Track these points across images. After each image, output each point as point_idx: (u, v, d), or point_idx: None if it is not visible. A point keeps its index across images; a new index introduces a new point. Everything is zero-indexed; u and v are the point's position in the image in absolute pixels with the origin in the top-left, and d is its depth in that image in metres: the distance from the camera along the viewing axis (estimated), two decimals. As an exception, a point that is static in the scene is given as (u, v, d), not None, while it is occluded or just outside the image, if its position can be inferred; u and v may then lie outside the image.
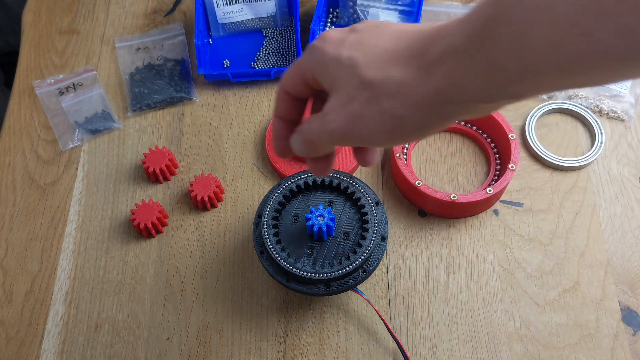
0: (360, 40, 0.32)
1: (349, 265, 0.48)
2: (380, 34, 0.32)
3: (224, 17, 0.67)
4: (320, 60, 0.34)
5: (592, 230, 0.57)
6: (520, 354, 0.51)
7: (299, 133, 0.37)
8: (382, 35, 0.32)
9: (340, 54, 0.32)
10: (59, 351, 0.52)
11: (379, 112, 0.31)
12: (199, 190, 0.57)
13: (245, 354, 0.52)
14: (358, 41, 0.32)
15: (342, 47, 0.33)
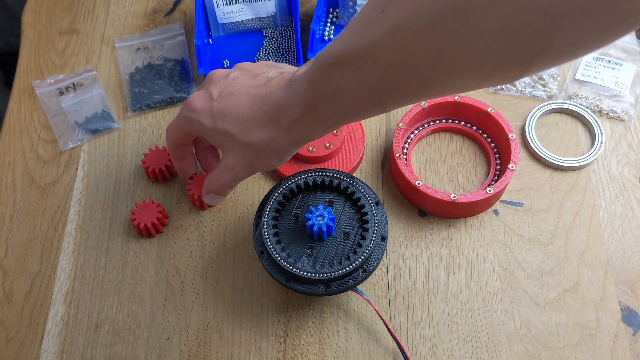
0: (224, 111, 0.45)
1: (349, 265, 0.48)
2: (236, 102, 0.44)
3: (224, 17, 0.67)
4: (202, 130, 0.47)
5: (592, 230, 0.57)
6: (520, 354, 0.51)
7: (213, 189, 0.51)
8: (238, 103, 0.44)
9: (216, 126, 0.45)
10: (59, 351, 0.52)
11: (267, 158, 0.46)
12: (197, 190, 0.57)
13: (245, 354, 0.52)
14: (223, 113, 0.45)
15: (215, 120, 0.45)
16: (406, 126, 0.60)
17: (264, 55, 0.67)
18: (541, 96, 0.65)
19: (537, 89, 0.65)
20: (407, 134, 0.61)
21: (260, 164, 0.46)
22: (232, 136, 0.45)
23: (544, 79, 0.65)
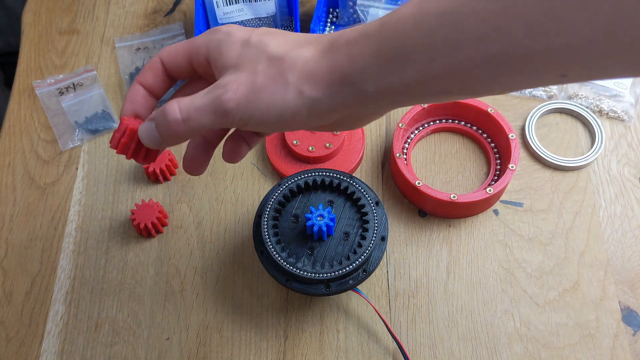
0: (269, 31, 0.35)
1: (349, 265, 0.48)
2: (289, 33, 0.35)
3: (224, 17, 0.67)
4: (224, 39, 0.35)
5: (592, 230, 0.57)
6: (520, 354, 0.51)
7: (166, 111, 0.33)
8: (291, 34, 0.35)
9: (250, 36, 0.34)
10: (59, 351, 0.52)
11: (283, 85, 0.32)
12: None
13: (245, 354, 0.52)
14: (267, 32, 0.35)
15: (252, 33, 0.35)
16: (406, 126, 0.60)
17: (264, 55, 0.67)
18: (541, 96, 0.65)
19: (537, 88, 0.65)
20: (407, 134, 0.61)
21: (269, 92, 0.32)
22: (263, 47, 0.33)
23: (544, 79, 0.65)
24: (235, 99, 0.32)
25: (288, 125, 0.33)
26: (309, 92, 0.32)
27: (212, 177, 0.60)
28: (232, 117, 0.32)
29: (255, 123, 0.33)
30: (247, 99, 0.32)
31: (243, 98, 0.32)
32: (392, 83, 0.30)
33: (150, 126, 0.35)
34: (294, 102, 0.32)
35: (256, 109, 0.32)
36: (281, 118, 0.32)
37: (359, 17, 0.67)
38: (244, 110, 0.32)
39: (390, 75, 0.30)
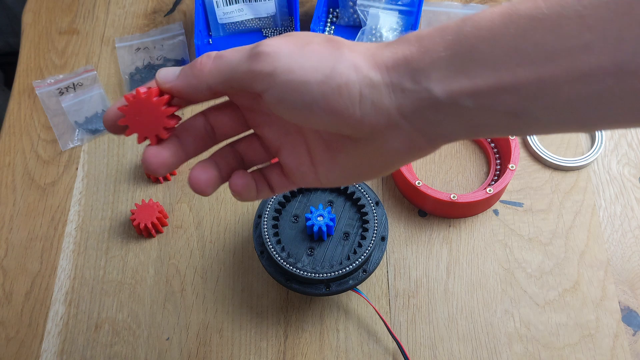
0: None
1: (349, 265, 0.48)
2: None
3: (224, 17, 0.67)
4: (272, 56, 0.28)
5: (592, 230, 0.57)
6: (520, 354, 0.51)
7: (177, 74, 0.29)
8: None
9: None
10: (59, 351, 0.52)
11: (336, 55, 0.27)
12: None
13: (245, 354, 0.52)
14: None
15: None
16: (406, 126, 0.60)
17: (264, 55, 0.67)
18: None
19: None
20: (407, 134, 0.61)
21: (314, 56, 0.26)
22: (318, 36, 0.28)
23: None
24: (274, 45, 0.27)
25: (329, 104, 0.26)
26: (367, 71, 0.26)
27: (212, 177, 0.60)
28: (265, 63, 0.26)
29: (290, 85, 0.26)
30: (288, 51, 0.26)
31: (284, 48, 0.27)
32: (463, 88, 0.25)
33: (173, 68, 0.30)
34: (347, 73, 0.26)
35: (296, 63, 0.26)
36: (325, 85, 0.26)
37: (359, 17, 0.67)
38: (280, 60, 0.26)
39: (464, 76, 0.25)
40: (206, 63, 0.28)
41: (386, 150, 0.28)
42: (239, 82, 0.28)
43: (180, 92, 0.29)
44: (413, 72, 0.26)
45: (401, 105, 0.26)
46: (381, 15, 0.66)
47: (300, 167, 0.32)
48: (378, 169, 0.31)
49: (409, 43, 0.26)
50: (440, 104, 0.25)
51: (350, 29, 0.68)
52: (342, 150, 0.30)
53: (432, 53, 0.25)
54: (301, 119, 0.28)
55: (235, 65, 0.27)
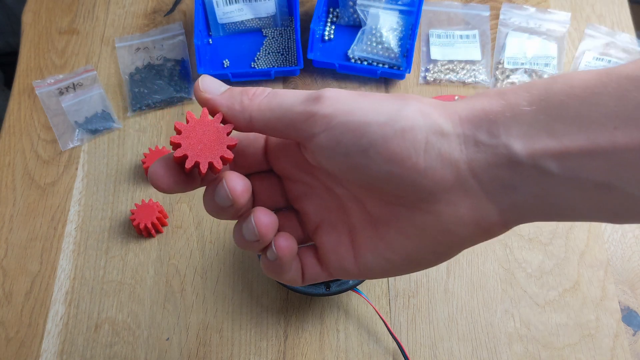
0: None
1: (349, 266, 0.48)
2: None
3: (224, 17, 0.67)
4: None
5: (592, 230, 0.57)
6: (520, 354, 0.51)
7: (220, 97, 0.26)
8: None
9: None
10: (59, 351, 0.52)
11: (402, 101, 0.24)
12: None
13: (245, 354, 0.52)
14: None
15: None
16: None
17: (264, 55, 0.67)
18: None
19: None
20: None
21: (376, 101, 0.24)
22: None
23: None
24: (335, 92, 0.25)
25: (389, 149, 0.23)
26: (436, 117, 0.23)
27: (212, 177, 0.60)
28: (324, 105, 0.24)
29: (349, 126, 0.23)
30: (350, 97, 0.24)
31: (346, 94, 0.25)
32: (548, 148, 0.21)
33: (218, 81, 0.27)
34: (413, 117, 0.23)
35: (357, 106, 0.24)
36: (387, 127, 0.23)
37: (359, 17, 0.67)
38: (340, 102, 0.24)
39: (550, 135, 0.21)
40: (259, 95, 0.26)
41: (448, 221, 0.24)
42: (290, 123, 0.25)
43: (216, 109, 0.26)
44: (491, 124, 0.23)
45: (473, 160, 0.23)
46: (381, 15, 0.66)
47: (338, 249, 0.28)
48: (433, 252, 0.26)
49: (488, 97, 0.24)
50: (518, 164, 0.22)
51: (350, 28, 0.68)
52: (392, 224, 0.26)
53: (515, 107, 0.22)
54: (352, 169, 0.24)
55: (290, 104, 0.25)
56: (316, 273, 0.29)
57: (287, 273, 0.28)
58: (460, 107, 0.24)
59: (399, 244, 0.26)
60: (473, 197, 0.23)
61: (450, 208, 0.24)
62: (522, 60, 0.66)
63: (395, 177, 0.23)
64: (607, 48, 0.67)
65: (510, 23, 0.68)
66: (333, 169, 0.25)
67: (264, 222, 0.26)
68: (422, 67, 0.66)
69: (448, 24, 0.69)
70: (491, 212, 0.24)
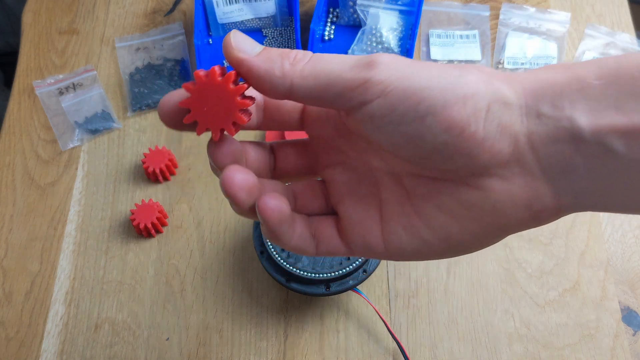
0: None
1: (349, 266, 0.48)
2: None
3: (224, 17, 0.67)
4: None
5: (592, 230, 0.57)
6: (520, 354, 0.51)
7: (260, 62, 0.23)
8: None
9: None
10: (59, 351, 0.52)
11: (462, 69, 0.22)
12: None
13: (245, 354, 0.52)
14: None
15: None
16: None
17: (264, 55, 0.67)
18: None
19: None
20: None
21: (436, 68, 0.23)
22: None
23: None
24: (392, 57, 0.23)
25: (449, 116, 0.21)
26: (499, 85, 0.22)
27: (212, 177, 0.60)
28: (379, 70, 0.22)
29: (407, 92, 0.22)
30: (407, 63, 0.22)
31: (403, 60, 0.23)
32: (615, 124, 0.20)
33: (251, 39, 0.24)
34: (475, 83, 0.22)
35: (415, 72, 0.22)
36: (448, 92, 0.21)
37: (359, 17, 0.67)
38: (398, 69, 0.22)
39: (618, 111, 0.20)
40: (301, 59, 0.23)
41: (498, 200, 0.23)
42: (339, 92, 0.23)
43: (251, 72, 0.23)
44: (555, 96, 0.21)
45: (533, 133, 0.21)
46: (381, 15, 0.66)
47: (364, 221, 0.26)
48: (475, 235, 0.24)
49: (554, 69, 0.22)
50: (581, 140, 0.21)
51: (350, 28, 0.68)
52: (432, 200, 0.24)
53: (583, 80, 0.21)
54: (404, 138, 0.22)
55: (339, 71, 0.22)
56: (334, 246, 0.27)
57: (284, 238, 0.25)
58: (524, 78, 0.22)
59: (438, 223, 0.24)
60: (528, 175, 0.22)
61: (502, 185, 0.22)
62: (522, 60, 0.66)
63: (450, 147, 0.22)
64: (607, 48, 0.67)
65: (510, 23, 0.68)
66: (380, 139, 0.23)
67: (235, 181, 0.23)
68: (422, 67, 0.66)
69: (448, 24, 0.69)
70: (546, 194, 0.22)
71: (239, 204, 0.24)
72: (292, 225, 0.26)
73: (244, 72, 0.23)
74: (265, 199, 0.24)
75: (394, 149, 0.23)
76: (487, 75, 0.22)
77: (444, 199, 0.24)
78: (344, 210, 0.27)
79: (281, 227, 0.25)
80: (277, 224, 0.24)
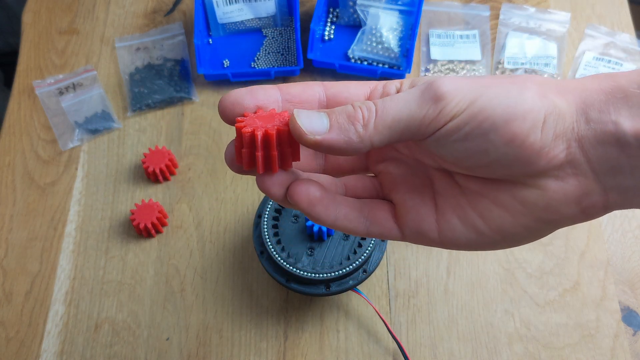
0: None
1: (349, 266, 0.48)
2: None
3: (224, 17, 0.67)
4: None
5: (592, 230, 0.57)
6: (520, 354, 0.51)
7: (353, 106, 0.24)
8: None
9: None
10: (59, 351, 0.52)
11: (519, 85, 0.24)
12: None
13: (245, 355, 0.52)
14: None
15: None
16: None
17: (264, 55, 0.67)
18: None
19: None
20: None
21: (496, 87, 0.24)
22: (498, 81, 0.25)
23: (544, 78, 0.65)
24: (454, 82, 0.24)
25: (511, 130, 0.23)
26: (553, 97, 0.24)
27: (212, 177, 0.60)
28: (448, 100, 0.23)
29: (481, 115, 0.23)
30: (470, 84, 0.24)
31: (465, 83, 0.24)
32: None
33: (317, 114, 0.24)
34: (532, 100, 0.23)
35: (480, 95, 0.23)
36: (510, 110, 0.23)
37: (359, 17, 0.67)
38: (463, 95, 0.24)
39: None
40: (369, 117, 0.24)
41: (553, 197, 0.25)
42: (415, 131, 0.24)
43: (332, 148, 0.24)
44: (602, 104, 0.24)
45: (583, 137, 0.24)
46: (381, 15, 0.66)
47: (418, 208, 0.27)
48: (528, 228, 0.26)
49: (599, 78, 0.25)
50: (626, 143, 0.23)
51: (350, 28, 0.68)
52: (488, 195, 0.26)
53: (626, 89, 0.23)
54: (468, 153, 0.24)
55: (409, 115, 0.24)
56: (388, 228, 0.28)
57: (322, 219, 0.27)
58: (574, 87, 0.24)
59: (494, 216, 0.26)
60: (580, 175, 0.24)
61: (557, 184, 0.24)
62: (522, 60, 0.66)
63: (510, 157, 0.24)
64: (607, 48, 0.67)
65: (510, 23, 0.68)
66: (443, 154, 0.25)
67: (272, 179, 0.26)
68: (422, 67, 0.66)
69: (448, 24, 0.69)
70: (595, 192, 0.24)
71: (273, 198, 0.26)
72: (330, 207, 0.27)
73: (324, 150, 0.24)
74: (294, 185, 0.26)
75: (456, 161, 0.25)
76: (543, 88, 0.24)
77: (499, 195, 0.26)
78: (399, 197, 0.28)
79: (314, 209, 0.26)
80: (307, 206, 0.26)
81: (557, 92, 0.24)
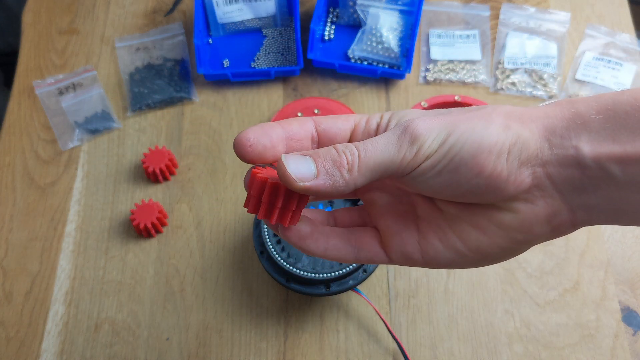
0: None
1: (349, 266, 0.48)
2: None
3: (224, 17, 0.67)
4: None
5: (592, 230, 0.56)
6: (521, 354, 0.51)
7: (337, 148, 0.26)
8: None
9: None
10: (59, 351, 0.52)
11: (485, 119, 0.26)
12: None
13: (245, 355, 0.52)
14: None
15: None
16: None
17: (263, 55, 0.67)
18: (542, 96, 0.64)
19: (538, 89, 0.65)
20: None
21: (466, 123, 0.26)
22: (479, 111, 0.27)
23: (544, 78, 0.65)
24: (426, 123, 0.26)
25: (478, 164, 0.25)
26: (517, 128, 0.26)
27: (212, 177, 0.60)
28: (422, 142, 0.26)
29: (450, 152, 0.26)
30: (440, 124, 0.26)
31: (436, 123, 0.26)
32: (612, 153, 0.24)
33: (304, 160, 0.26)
34: (496, 133, 0.25)
35: (450, 133, 0.26)
36: (477, 148, 0.25)
37: (359, 17, 0.67)
38: (436, 134, 0.26)
39: (615, 142, 0.24)
40: (352, 162, 0.26)
41: (526, 218, 0.27)
42: (394, 171, 0.26)
43: (320, 193, 0.26)
44: (563, 129, 0.25)
45: (547, 162, 0.26)
46: (381, 15, 0.66)
47: (401, 232, 0.30)
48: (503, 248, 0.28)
49: (561, 105, 0.26)
50: (586, 167, 0.25)
51: (350, 28, 0.68)
52: (465, 219, 0.28)
53: (585, 115, 0.25)
54: (440, 186, 0.26)
55: (389, 159, 0.26)
56: (375, 252, 0.31)
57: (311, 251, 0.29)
58: (537, 116, 0.26)
59: (472, 238, 0.28)
60: (547, 197, 0.26)
61: (527, 206, 0.26)
62: (522, 60, 0.66)
63: (482, 187, 0.26)
64: (607, 48, 0.67)
65: (510, 23, 0.68)
66: (420, 188, 0.27)
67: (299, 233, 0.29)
68: (422, 67, 0.66)
69: (448, 24, 0.69)
70: (563, 211, 0.26)
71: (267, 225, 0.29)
72: (320, 240, 0.30)
73: (312, 194, 0.26)
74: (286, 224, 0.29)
75: (433, 192, 0.27)
76: (507, 119, 0.26)
77: (476, 218, 0.28)
78: (384, 224, 0.31)
79: (304, 243, 0.29)
80: (297, 241, 0.29)
81: (520, 122, 0.26)
